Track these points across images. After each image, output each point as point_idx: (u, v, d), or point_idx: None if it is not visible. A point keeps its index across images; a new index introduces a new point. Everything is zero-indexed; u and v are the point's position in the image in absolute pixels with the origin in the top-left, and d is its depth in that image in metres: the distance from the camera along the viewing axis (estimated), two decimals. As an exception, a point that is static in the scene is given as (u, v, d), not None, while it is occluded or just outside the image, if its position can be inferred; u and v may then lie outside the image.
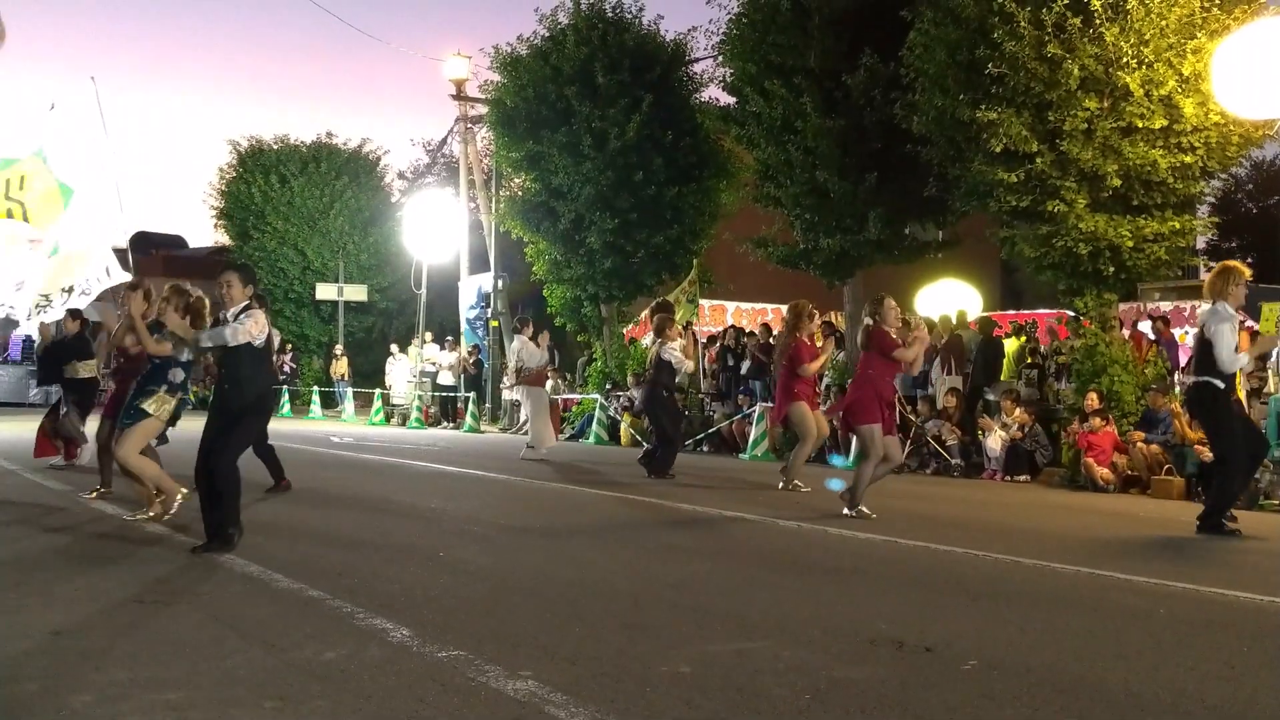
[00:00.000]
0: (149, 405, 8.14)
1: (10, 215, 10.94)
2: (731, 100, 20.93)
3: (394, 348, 30.20)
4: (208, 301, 8.37)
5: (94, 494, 9.89)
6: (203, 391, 38.13)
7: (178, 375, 8.27)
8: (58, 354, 12.47)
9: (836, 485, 10.63)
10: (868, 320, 10.14)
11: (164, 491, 8.43)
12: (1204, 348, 9.62)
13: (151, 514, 8.42)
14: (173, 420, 8.32)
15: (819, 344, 13.32)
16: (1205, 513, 9.52)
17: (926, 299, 22.61)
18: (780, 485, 12.17)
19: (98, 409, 11.16)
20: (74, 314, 12.13)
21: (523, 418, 17.31)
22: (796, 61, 18.54)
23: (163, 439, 8.80)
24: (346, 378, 31.04)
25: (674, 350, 13.90)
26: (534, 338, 16.81)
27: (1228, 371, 9.45)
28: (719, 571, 7.07)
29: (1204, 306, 10.01)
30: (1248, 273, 10.06)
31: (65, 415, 12.38)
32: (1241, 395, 11.09)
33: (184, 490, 8.33)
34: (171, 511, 8.37)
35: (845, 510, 9.85)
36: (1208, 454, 11.42)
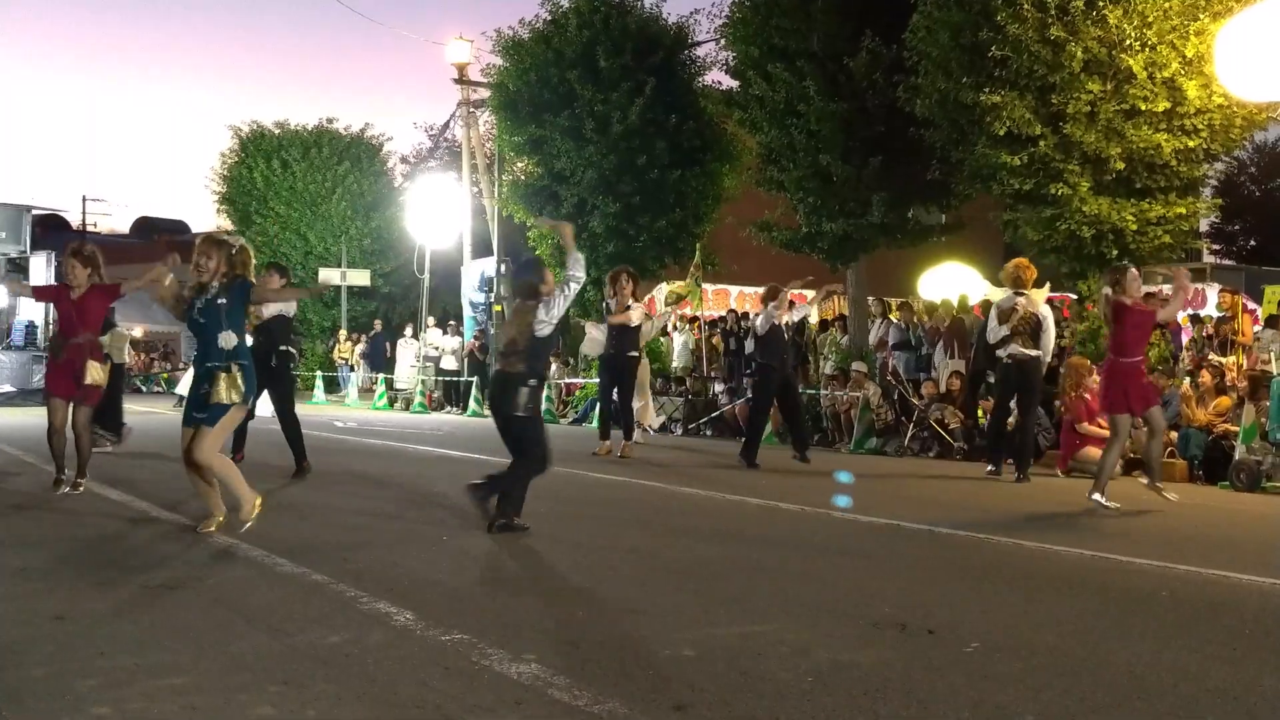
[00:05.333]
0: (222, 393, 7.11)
1: None
2: (734, 84, 20.94)
3: (408, 330, 30.18)
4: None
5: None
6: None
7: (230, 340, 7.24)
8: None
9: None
10: (1107, 290, 9.45)
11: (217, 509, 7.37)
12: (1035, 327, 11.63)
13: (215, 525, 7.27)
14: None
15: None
16: (1020, 464, 11.68)
17: (929, 282, 22.58)
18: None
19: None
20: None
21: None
22: (799, 45, 18.52)
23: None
24: (349, 362, 31.06)
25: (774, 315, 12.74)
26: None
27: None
28: (722, 555, 7.07)
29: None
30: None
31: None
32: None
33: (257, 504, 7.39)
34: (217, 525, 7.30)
35: (1093, 497, 9.31)
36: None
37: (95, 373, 8.85)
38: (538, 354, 7.74)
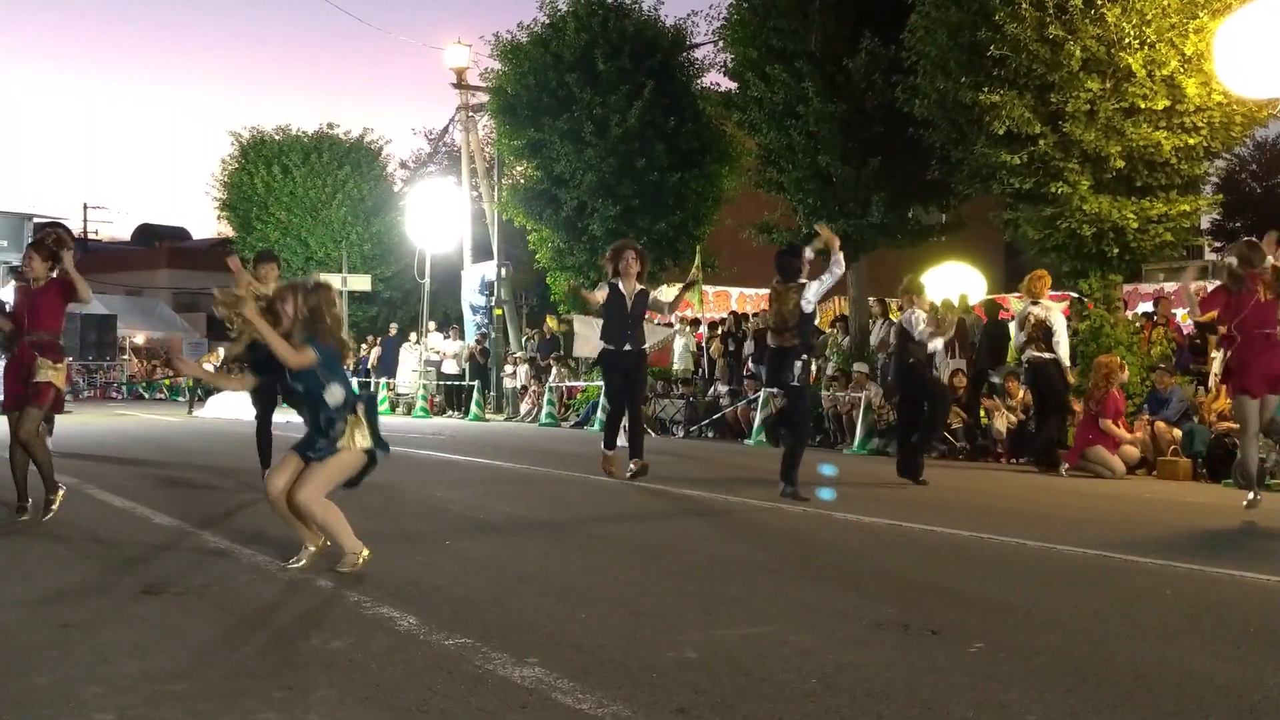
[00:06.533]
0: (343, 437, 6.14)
1: None
2: (733, 85, 20.96)
3: (413, 336, 30.20)
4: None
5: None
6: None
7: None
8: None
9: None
10: (1232, 261, 8.91)
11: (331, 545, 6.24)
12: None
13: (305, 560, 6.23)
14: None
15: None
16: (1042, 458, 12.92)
17: (930, 282, 22.54)
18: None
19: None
20: None
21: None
22: (797, 45, 18.54)
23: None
24: (353, 367, 31.09)
25: (919, 320, 11.61)
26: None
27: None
28: (725, 557, 7.06)
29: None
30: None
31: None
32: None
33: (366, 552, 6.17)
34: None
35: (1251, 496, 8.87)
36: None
37: (47, 371, 7.81)
38: (806, 328, 8.56)
